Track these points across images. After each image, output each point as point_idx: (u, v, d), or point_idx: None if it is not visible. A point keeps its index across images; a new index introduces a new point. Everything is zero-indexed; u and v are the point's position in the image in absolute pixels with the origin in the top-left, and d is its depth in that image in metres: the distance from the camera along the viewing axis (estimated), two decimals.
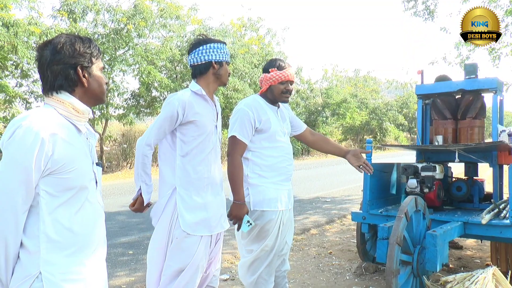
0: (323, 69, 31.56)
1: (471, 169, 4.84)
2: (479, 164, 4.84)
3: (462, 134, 4.77)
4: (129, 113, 17.23)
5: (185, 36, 18.18)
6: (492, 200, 4.41)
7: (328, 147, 3.32)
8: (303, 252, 5.53)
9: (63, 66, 1.58)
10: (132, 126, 17.94)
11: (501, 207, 4.19)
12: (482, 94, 4.80)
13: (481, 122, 4.77)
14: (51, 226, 1.50)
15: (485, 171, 9.40)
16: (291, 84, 3.08)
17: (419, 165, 4.34)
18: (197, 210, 2.55)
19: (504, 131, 4.51)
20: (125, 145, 18.49)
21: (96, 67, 1.67)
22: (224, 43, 2.70)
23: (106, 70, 14.68)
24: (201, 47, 2.62)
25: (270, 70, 3.03)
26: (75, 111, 1.59)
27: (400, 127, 36.15)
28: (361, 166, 3.08)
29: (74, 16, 14.30)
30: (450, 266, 4.70)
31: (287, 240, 3.17)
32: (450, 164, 4.86)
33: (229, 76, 2.72)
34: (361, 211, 4.40)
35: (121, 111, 17.06)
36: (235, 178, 2.87)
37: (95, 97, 1.68)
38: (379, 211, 4.24)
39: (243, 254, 3.12)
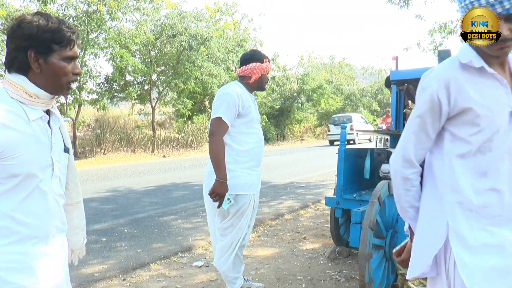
0: (299, 55, 31.63)
1: None
2: None
3: None
4: (103, 98, 16.93)
5: (159, 20, 17.88)
6: None
7: None
8: (277, 237, 5.55)
9: (15, 46, 1.49)
10: (105, 111, 17.65)
11: None
12: None
13: None
14: None
15: None
16: None
17: (392, 150, 4.37)
18: (486, 253, 1.52)
19: None
20: (99, 131, 18.18)
21: (58, 56, 1.50)
22: None
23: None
24: None
25: (264, 60, 3.28)
26: (27, 94, 1.49)
27: (375, 113, 36.63)
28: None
29: None
30: None
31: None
32: None
33: None
34: (335, 196, 4.43)
35: (94, 96, 16.74)
36: (219, 156, 3.05)
37: (50, 87, 1.53)
38: (353, 196, 4.27)
39: (218, 238, 3.30)
